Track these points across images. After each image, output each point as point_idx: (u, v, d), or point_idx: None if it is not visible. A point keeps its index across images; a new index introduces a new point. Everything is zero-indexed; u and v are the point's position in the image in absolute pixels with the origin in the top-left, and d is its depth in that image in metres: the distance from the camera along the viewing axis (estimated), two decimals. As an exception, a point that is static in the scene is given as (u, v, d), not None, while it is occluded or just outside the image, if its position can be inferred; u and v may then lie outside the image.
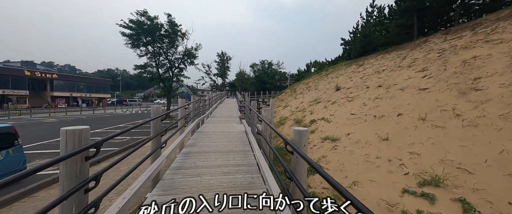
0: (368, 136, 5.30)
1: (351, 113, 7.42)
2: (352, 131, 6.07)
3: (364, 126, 5.97)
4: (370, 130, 5.56)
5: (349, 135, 5.91)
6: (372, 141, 4.98)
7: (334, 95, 11.15)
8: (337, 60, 25.36)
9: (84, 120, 18.67)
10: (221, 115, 11.87)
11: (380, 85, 8.43)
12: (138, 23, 17.73)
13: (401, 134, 4.71)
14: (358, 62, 16.37)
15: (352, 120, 6.83)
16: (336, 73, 17.36)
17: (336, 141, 5.89)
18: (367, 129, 5.73)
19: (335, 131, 6.69)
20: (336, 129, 6.79)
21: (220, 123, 8.82)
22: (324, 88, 14.16)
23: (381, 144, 4.70)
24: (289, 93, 21.69)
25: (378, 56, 14.02)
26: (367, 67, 12.89)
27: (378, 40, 14.89)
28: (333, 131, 6.80)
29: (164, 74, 20.42)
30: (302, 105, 12.99)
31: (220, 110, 14.18)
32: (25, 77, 34.67)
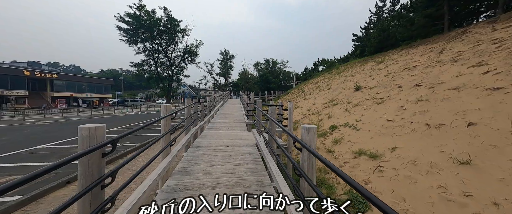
0: (429, 154, 3.80)
1: (387, 118, 5.91)
2: (397, 144, 4.56)
3: (415, 138, 4.46)
4: (428, 145, 4.05)
5: (395, 150, 4.40)
6: (440, 164, 3.48)
7: (355, 96, 9.63)
8: (348, 57, 23.73)
9: (78, 122, 17.48)
10: (225, 118, 10.45)
11: (418, 84, 6.88)
12: (135, 17, 16.43)
13: (489, 155, 3.19)
14: (375, 59, 14.77)
15: (392, 128, 5.32)
16: (350, 71, 15.79)
17: (378, 158, 4.39)
18: (422, 142, 4.22)
19: (370, 142, 5.19)
20: (371, 140, 5.28)
21: (223, 130, 7.40)
22: (339, 88, 12.62)
23: (459, 169, 3.20)
24: (297, 93, 20.17)
25: (401, 52, 12.42)
26: (390, 63, 11.31)
27: (399, 34, 13.27)
28: (366, 142, 5.30)
29: (163, 73, 19.12)
30: (315, 107, 11.48)
31: (223, 112, 12.77)
32: (24, 77, 33.91)
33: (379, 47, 15.44)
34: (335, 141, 6.12)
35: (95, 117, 21.99)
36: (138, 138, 10.08)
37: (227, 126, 8.27)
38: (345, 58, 24.47)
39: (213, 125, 8.56)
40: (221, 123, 8.96)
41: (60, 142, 9.35)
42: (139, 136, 10.53)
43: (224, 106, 17.50)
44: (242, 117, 10.83)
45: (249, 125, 7.48)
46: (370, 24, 22.96)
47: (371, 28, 22.73)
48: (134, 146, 8.49)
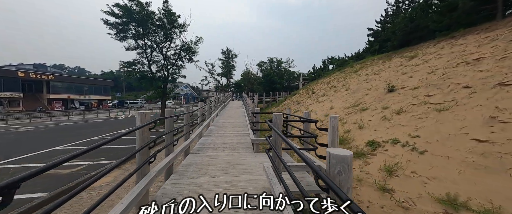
0: None
1: (474, 137, 3.74)
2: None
3: None
4: None
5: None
6: None
7: (390, 99, 7.47)
8: (362, 54, 21.43)
9: (62, 128, 15.64)
10: (224, 129, 8.35)
11: (503, 82, 4.69)
12: (126, 9, 14.47)
13: None
14: (402, 54, 12.52)
15: (497, 158, 3.16)
16: (371, 69, 13.56)
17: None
18: None
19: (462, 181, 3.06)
20: (461, 177, 3.15)
21: (220, 151, 5.29)
22: (362, 89, 10.44)
23: None
24: (306, 95, 17.99)
25: (439, 44, 10.17)
26: (430, 58, 9.08)
27: (434, 23, 11.02)
28: (452, 178, 3.17)
29: (157, 74, 17.16)
30: (334, 112, 9.32)
31: (222, 120, 10.67)
32: (18, 78, 32.51)
33: (404, 40, 13.21)
34: (387, 170, 3.98)
35: (85, 122, 20.21)
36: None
37: (226, 143, 6.15)
38: (359, 56, 22.17)
39: (206, 139, 6.49)
40: (218, 137, 6.87)
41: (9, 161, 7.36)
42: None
43: (225, 110, 15.42)
44: (245, 127, 8.72)
45: (256, 144, 5.36)
46: (387, 18, 20.65)
47: (387, 22, 20.43)
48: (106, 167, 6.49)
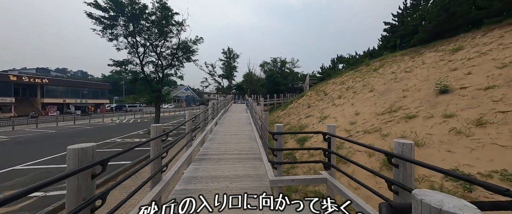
0: None
1: None
2: None
3: None
4: None
5: None
6: None
7: (446, 102, 5.51)
8: (379, 50, 19.44)
9: (43, 137, 13.86)
10: (225, 148, 6.32)
11: None
12: (114, 1, 12.66)
13: None
14: (437, 48, 10.53)
15: None
16: (396, 66, 11.56)
17: None
18: None
19: None
20: None
21: (219, 189, 3.37)
22: (395, 89, 8.46)
23: None
24: (316, 97, 16.00)
25: (493, 32, 8.19)
26: (489, 50, 7.09)
27: (479, 9, 9.06)
28: None
29: (151, 75, 15.34)
30: (362, 118, 7.37)
31: (222, 131, 8.69)
32: (10, 82, 31.06)
33: (436, 32, 11.27)
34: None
35: (72, 129, 18.43)
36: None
37: (228, 171, 4.21)
38: (372, 53, 20.18)
39: (198, 167, 4.55)
40: (215, 162, 4.91)
41: None
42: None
43: (226, 115, 13.50)
44: (253, 141, 6.73)
45: (278, 188, 3.18)
46: (406, 10, 18.69)
47: (406, 15, 18.47)
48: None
